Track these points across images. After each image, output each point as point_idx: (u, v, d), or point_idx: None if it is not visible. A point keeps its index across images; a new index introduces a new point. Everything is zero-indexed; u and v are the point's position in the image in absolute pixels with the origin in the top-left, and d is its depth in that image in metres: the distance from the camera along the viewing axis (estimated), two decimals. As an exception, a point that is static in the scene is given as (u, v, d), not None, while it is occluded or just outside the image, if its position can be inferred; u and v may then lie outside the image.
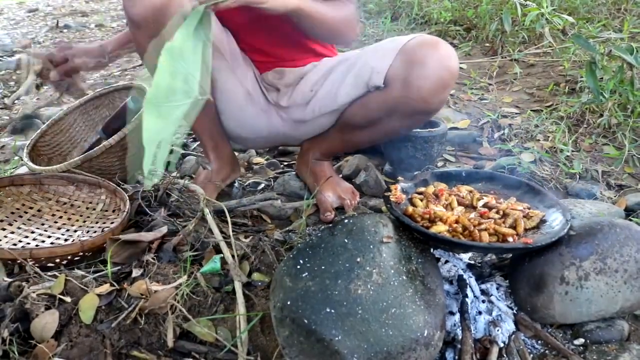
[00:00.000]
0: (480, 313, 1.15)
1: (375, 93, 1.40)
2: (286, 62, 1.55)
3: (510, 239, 1.12)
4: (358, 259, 0.99)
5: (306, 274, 0.99)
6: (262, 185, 1.78)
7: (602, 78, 2.13)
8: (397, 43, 1.36)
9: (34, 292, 1.06)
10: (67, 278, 1.10)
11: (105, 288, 1.10)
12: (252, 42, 1.54)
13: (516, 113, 2.37)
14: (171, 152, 1.34)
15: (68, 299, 1.06)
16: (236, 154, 2.02)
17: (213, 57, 1.39)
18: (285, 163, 2.00)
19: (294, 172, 1.77)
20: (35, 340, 1.00)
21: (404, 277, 0.99)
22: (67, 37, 4.56)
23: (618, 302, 1.08)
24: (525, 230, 1.17)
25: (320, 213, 1.57)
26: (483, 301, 1.17)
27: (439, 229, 1.13)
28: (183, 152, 2.07)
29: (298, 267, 1.01)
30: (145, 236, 1.24)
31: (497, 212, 1.21)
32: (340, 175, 1.72)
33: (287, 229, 1.46)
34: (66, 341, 1.01)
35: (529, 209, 1.24)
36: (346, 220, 1.11)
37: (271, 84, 1.57)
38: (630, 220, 1.42)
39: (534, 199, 1.29)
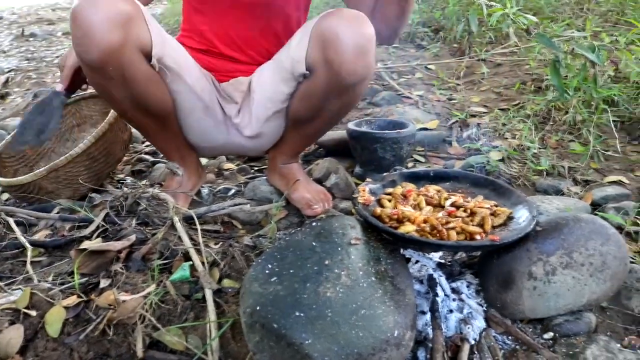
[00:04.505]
0: (451, 311, 1.15)
1: (306, 82, 1.40)
2: (244, 65, 1.55)
3: (477, 237, 1.13)
4: (326, 262, 0.99)
5: (275, 278, 0.98)
6: (233, 191, 1.76)
7: (566, 76, 2.17)
8: (308, 27, 1.35)
9: (-3, 306, 1.04)
10: (33, 291, 1.08)
11: (73, 300, 1.08)
12: (228, 27, 1.51)
13: (484, 112, 2.40)
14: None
15: (33, 313, 1.04)
16: (206, 160, 2.01)
17: (173, 79, 1.37)
18: (256, 168, 1.99)
19: (264, 177, 1.76)
20: (0, 357, 0.98)
21: (373, 278, 0.99)
22: (34, 46, 4.48)
23: (585, 295, 1.10)
24: (493, 227, 1.18)
25: (303, 211, 1.56)
26: (454, 299, 1.18)
27: (407, 229, 1.13)
28: (152, 159, 2.05)
29: (267, 271, 1.01)
30: (113, 245, 1.22)
31: (465, 211, 1.21)
32: (312, 179, 1.72)
33: (257, 233, 1.45)
34: (32, 356, 0.99)
35: (496, 206, 1.25)
36: (314, 223, 1.11)
37: (229, 95, 1.55)
38: (596, 214, 1.45)
39: (501, 196, 1.30)
